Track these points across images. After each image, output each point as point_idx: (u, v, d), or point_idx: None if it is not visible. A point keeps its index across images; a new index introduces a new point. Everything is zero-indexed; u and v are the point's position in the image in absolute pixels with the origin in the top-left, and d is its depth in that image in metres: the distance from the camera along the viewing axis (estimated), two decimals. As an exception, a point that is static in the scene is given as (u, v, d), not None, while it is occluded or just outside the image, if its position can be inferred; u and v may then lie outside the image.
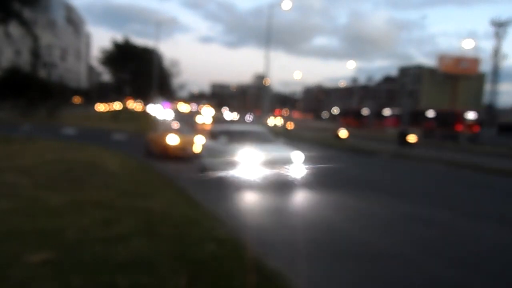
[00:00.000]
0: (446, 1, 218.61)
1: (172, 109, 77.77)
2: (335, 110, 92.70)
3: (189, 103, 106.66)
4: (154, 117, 49.84)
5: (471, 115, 43.67)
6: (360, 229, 6.50)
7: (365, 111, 64.24)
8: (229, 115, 64.49)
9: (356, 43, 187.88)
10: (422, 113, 48.10)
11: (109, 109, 61.04)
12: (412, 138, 26.77)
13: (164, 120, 46.90)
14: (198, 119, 43.73)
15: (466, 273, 4.76)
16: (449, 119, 43.96)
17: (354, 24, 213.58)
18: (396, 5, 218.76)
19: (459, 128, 41.25)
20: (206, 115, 49.89)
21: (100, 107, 63.74)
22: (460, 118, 43.35)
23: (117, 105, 54.34)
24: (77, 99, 73.10)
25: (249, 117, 59.97)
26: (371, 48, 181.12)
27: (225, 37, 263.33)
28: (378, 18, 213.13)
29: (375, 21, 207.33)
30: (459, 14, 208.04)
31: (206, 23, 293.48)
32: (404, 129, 29.43)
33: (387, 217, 7.47)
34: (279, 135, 18.75)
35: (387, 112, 60.45)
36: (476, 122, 43.33)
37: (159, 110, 56.74)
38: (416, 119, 44.78)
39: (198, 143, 14.45)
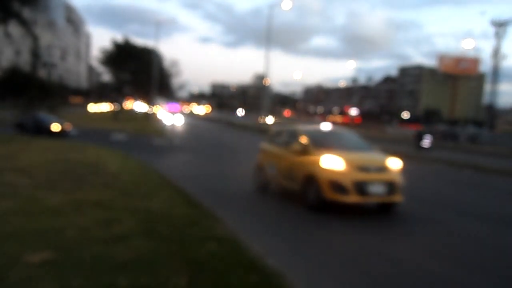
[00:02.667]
0: (442, 1, 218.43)
1: (183, 111, 73.34)
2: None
3: (204, 104, 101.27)
4: (160, 120, 46.12)
5: (354, 111, 65.13)
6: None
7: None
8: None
9: (354, 43, 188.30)
10: (330, 110, 72.21)
11: (102, 109, 60.06)
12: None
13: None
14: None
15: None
16: (340, 113, 65.25)
17: (351, 24, 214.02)
18: (393, 5, 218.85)
19: (346, 120, 59.29)
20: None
21: (93, 107, 61.71)
22: (345, 113, 64.38)
23: (113, 105, 53.66)
24: (77, 99, 72.98)
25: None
26: (369, 48, 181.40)
27: (224, 37, 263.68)
28: (375, 19, 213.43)
29: (372, 21, 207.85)
30: (455, 14, 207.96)
31: (205, 24, 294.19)
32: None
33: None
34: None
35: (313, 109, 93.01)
36: (357, 116, 63.68)
37: (166, 112, 52.22)
38: (329, 115, 67.63)
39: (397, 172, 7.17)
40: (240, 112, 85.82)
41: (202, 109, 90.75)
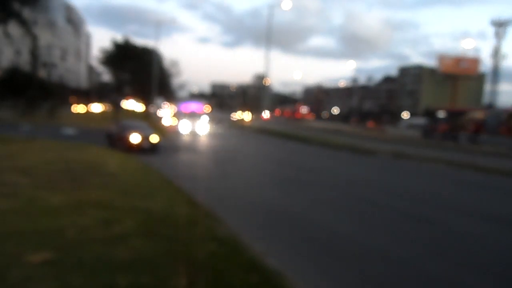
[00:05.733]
0: (439, 1, 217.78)
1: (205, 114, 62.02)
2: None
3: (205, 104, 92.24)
4: (166, 124, 34.89)
5: (304, 109, 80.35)
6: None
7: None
8: None
9: (353, 43, 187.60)
10: (293, 109, 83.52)
11: (96, 110, 59.00)
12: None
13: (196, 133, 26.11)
14: None
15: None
16: (295, 111, 79.89)
17: (350, 24, 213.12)
18: (389, 5, 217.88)
19: (298, 116, 75.25)
20: None
21: (79, 108, 58.92)
22: (298, 110, 79.37)
23: (111, 106, 53.17)
24: (74, 99, 72.76)
25: None
26: (368, 48, 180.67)
27: (223, 37, 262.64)
28: (374, 19, 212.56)
29: (371, 22, 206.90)
30: (453, 15, 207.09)
31: (204, 24, 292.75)
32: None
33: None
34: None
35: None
36: (309, 112, 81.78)
37: (179, 116, 34.08)
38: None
39: None
40: (266, 114, 64.94)
41: (248, 116, 65.28)
